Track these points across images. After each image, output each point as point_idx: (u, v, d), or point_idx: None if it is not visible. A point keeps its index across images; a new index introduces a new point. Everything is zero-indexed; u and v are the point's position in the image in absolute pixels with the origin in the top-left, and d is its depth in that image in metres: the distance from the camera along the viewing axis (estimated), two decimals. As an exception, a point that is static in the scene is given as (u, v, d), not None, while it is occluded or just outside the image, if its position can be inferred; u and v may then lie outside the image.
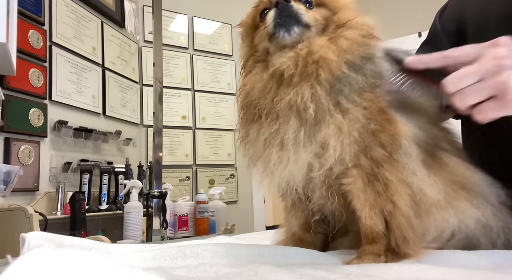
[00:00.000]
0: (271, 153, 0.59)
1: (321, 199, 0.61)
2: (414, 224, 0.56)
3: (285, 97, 0.58)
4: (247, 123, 0.64)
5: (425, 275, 0.43)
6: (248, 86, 0.63)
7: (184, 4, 3.03)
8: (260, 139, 0.61)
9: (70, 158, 1.95)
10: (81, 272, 0.33)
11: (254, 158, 0.63)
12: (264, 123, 0.60)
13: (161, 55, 1.84)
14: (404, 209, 0.55)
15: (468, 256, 0.54)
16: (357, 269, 0.46)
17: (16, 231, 1.44)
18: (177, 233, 2.15)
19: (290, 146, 0.58)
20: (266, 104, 0.59)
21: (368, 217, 0.56)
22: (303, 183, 0.60)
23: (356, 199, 0.57)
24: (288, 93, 0.57)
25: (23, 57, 1.74)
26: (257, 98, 0.61)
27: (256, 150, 0.62)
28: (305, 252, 0.56)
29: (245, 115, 0.64)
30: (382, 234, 0.55)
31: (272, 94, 0.59)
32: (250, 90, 0.62)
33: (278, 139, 0.59)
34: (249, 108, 0.63)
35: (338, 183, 0.58)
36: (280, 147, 0.59)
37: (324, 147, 0.56)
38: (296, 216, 0.67)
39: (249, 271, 0.42)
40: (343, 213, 0.61)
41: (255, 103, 0.61)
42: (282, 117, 0.58)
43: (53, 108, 1.92)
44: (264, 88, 0.60)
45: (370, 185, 0.56)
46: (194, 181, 2.89)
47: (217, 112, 3.09)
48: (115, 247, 0.58)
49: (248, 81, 0.64)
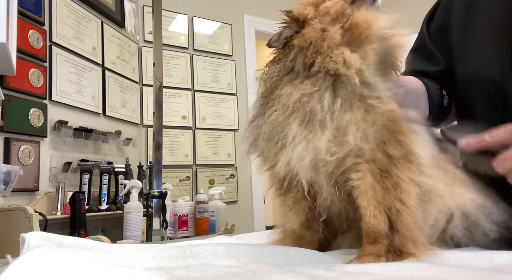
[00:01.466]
0: (290, 124, 0.58)
1: (330, 196, 0.60)
2: (422, 224, 0.56)
3: (339, 55, 0.56)
4: (289, 73, 0.61)
5: (425, 273, 0.43)
6: (326, 33, 0.59)
7: (184, 4, 3.03)
8: (289, 101, 0.58)
9: (70, 158, 1.95)
10: (81, 272, 0.33)
11: (270, 125, 0.60)
12: (304, 81, 0.58)
13: (161, 55, 1.84)
14: (413, 208, 0.55)
15: (468, 256, 0.54)
16: (357, 267, 0.46)
17: (16, 231, 1.44)
18: (177, 233, 2.15)
19: (318, 118, 0.56)
20: (323, 61, 0.57)
21: (372, 215, 0.55)
22: (309, 171, 0.58)
23: (363, 195, 0.56)
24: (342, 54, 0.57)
25: (23, 57, 1.74)
26: (310, 43, 0.58)
27: (279, 116, 0.59)
28: (305, 252, 0.56)
29: (295, 59, 0.60)
30: (385, 234, 0.54)
31: (328, 43, 0.57)
32: (329, 38, 0.58)
33: (305, 108, 0.57)
34: (305, 54, 0.59)
35: (345, 178, 0.58)
36: (303, 119, 0.57)
37: (344, 132, 0.56)
38: (298, 213, 0.66)
39: (249, 271, 0.42)
40: (350, 212, 0.60)
41: (315, 53, 0.58)
42: (323, 78, 0.57)
43: (53, 108, 1.92)
44: (324, 35, 0.58)
45: (380, 181, 0.56)
46: (194, 181, 2.89)
47: (217, 112, 3.09)
48: (115, 247, 0.58)
49: (324, 26, 0.60)
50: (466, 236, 0.61)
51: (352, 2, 0.63)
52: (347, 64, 0.57)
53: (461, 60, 0.81)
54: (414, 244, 0.54)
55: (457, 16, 0.83)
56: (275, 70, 0.62)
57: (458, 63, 0.82)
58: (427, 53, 0.90)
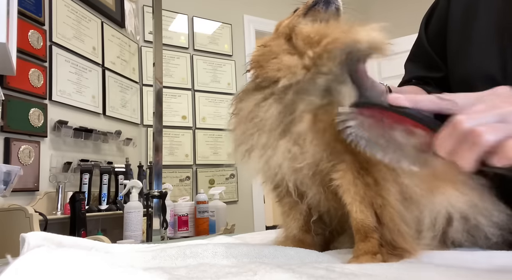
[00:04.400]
0: (253, 134, 0.60)
1: (316, 195, 0.60)
2: (406, 217, 0.56)
3: (289, 62, 0.58)
4: (250, 90, 0.64)
5: (424, 274, 0.43)
6: (265, 49, 0.63)
7: (184, 4, 3.03)
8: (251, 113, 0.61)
9: (70, 158, 1.96)
10: (81, 273, 0.33)
11: (237, 137, 0.64)
12: (259, 92, 0.60)
13: (161, 55, 1.84)
14: (394, 203, 0.55)
15: (467, 256, 0.54)
16: (357, 268, 0.46)
17: (16, 231, 1.44)
18: (177, 233, 2.15)
19: (272, 128, 0.58)
20: (270, 71, 0.59)
21: (358, 210, 0.55)
22: (291, 174, 0.59)
23: (346, 193, 0.56)
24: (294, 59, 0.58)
25: (23, 57, 1.75)
26: (266, 64, 0.60)
27: (240, 128, 0.62)
28: (305, 252, 0.56)
29: (253, 78, 0.64)
30: (374, 227, 0.54)
31: (267, 56, 0.60)
32: (265, 52, 0.62)
33: (258, 116, 0.59)
34: (255, 73, 0.62)
35: (329, 179, 0.58)
36: (261, 127, 0.59)
37: (300, 144, 0.56)
38: (295, 218, 0.67)
39: (249, 271, 0.42)
40: (337, 210, 0.60)
41: (260, 69, 0.61)
42: (271, 88, 0.59)
43: (53, 108, 1.92)
44: (276, 54, 0.60)
45: (359, 178, 0.55)
46: (194, 181, 2.89)
47: (217, 112, 3.09)
48: (115, 247, 0.58)
49: (268, 43, 0.64)
50: (465, 239, 0.61)
51: (305, 14, 0.65)
52: (286, 68, 0.57)
53: (460, 60, 0.81)
54: (404, 239, 0.54)
55: (456, 17, 0.83)
56: (241, 91, 0.67)
57: (458, 63, 0.82)
58: (427, 59, 0.89)
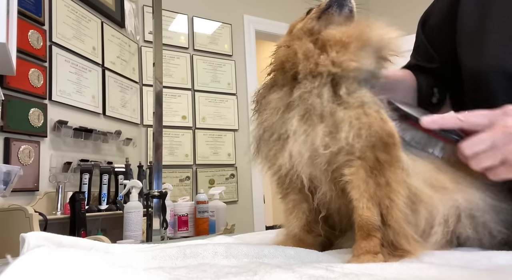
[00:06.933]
0: (290, 119, 0.61)
1: (329, 191, 0.61)
2: (412, 220, 0.57)
3: (329, 60, 0.60)
4: (274, 86, 0.66)
5: (425, 274, 0.43)
6: (290, 48, 0.65)
7: (184, 4, 3.03)
8: (283, 102, 0.62)
9: (70, 158, 1.95)
10: (80, 272, 0.33)
11: (267, 127, 0.64)
12: (299, 84, 0.62)
13: (161, 55, 1.84)
14: (402, 206, 0.56)
15: (468, 256, 0.54)
16: (356, 267, 0.46)
17: (16, 231, 1.44)
18: (177, 233, 2.15)
19: (318, 113, 0.59)
20: (307, 67, 0.61)
21: (365, 207, 0.56)
22: (308, 166, 0.60)
23: (356, 189, 0.57)
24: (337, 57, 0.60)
25: (23, 57, 1.74)
26: (298, 60, 0.62)
27: (273, 117, 0.63)
28: (305, 252, 0.56)
29: (276, 76, 0.66)
30: (378, 227, 0.55)
31: (316, 57, 0.62)
32: (291, 52, 0.64)
33: (305, 104, 0.60)
34: (283, 70, 0.64)
35: (340, 174, 0.59)
36: (304, 114, 0.60)
37: (338, 129, 0.57)
38: (298, 217, 0.67)
39: (249, 271, 0.42)
40: (349, 208, 0.61)
41: (292, 65, 0.63)
42: (320, 79, 0.61)
43: (53, 108, 1.92)
44: (308, 51, 0.62)
45: (372, 176, 0.57)
46: (194, 181, 2.89)
47: (217, 112, 3.09)
48: (115, 247, 0.58)
49: (290, 43, 0.66)
50: (472, 237, 0.61)
51: (319, 18, 0.66)
52: (337, 64, 0.60)
53: (474, 55, 0.81)
54: (407, 240, 0.55)
55: (468, 14, 0.83)
56: (262, 87, 0.70)
57: (470, 58, 0.82)
58: (424, 52, 0.93)
